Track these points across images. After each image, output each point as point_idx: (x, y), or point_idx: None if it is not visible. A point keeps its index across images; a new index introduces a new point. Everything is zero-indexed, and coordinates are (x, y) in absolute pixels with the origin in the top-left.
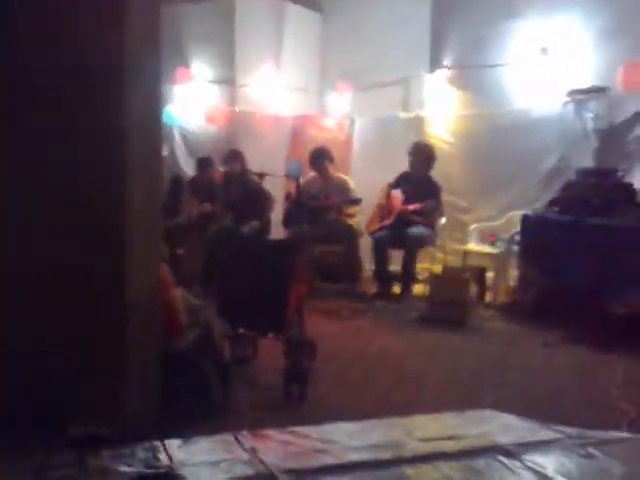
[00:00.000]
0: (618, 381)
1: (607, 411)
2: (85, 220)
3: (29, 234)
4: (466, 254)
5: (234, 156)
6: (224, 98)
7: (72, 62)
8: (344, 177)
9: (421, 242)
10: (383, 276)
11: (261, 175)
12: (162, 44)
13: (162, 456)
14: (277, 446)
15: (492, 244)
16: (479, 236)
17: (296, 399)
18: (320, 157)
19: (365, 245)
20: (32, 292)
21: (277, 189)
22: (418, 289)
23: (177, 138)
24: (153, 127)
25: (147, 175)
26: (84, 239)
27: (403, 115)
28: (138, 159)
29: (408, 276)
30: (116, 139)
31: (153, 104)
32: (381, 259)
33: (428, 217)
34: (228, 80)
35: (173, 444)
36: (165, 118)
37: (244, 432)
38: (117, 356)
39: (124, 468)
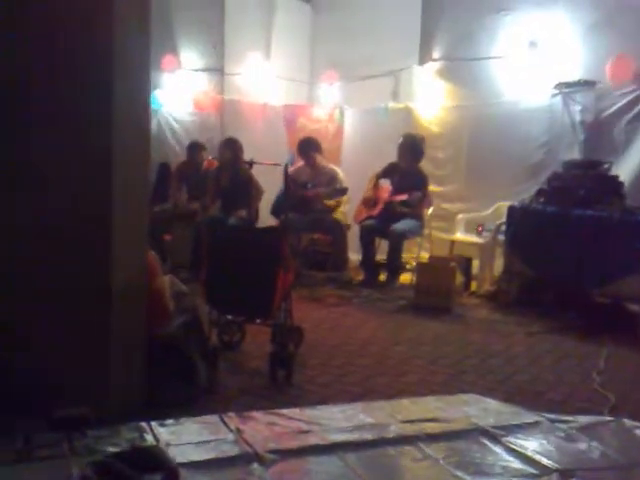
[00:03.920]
0: (600, 368)
1: (589, 398)
2: (72, 206)
3: (16, 221)
4: (453, 244)
5: (226, 144)
6: (213, 86)
7: (59, 45)
8: (334, 168)
9: (405, 235)
10: (369, 265)
11: (250, 163)
12: (151, 30)
13: (148, 436)
14: (262, 427)
15: (479, 234)
16: (466, 226)
17: (282, 384)
18: (308, 147)
19: (353, 234)
20: (18, 276)
21: (265, 177)
22: (405, 278)
23: (164, 125)
24: (141, 113)
25: (135, 161)
26: (70, 225)
27: (392, 106)
28: (126, 145)
29: (393, 267)
30: (103, 125)
31: (142, 90)
32: (368, 248)
33: (414, 208)
34: (217, 68)
35: (159, 425)
36: (153, 103)
37: (230, 413)
38: (101, 342)
39: (110, 448)
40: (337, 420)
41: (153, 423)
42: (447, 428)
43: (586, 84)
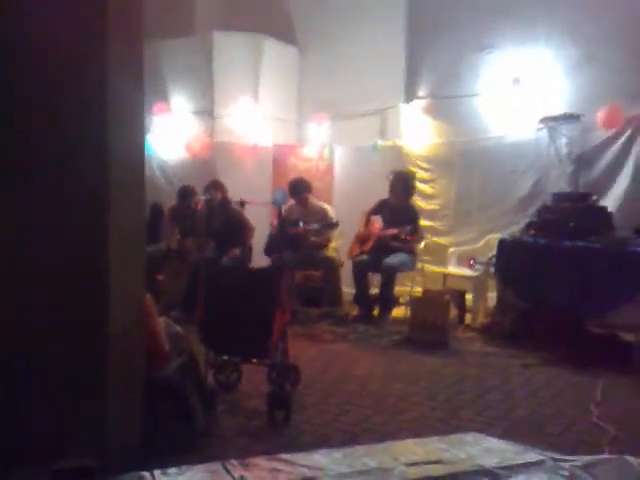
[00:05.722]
0: (597, 400)
1: (588, 430)
2: (68, 251)
3: (12, 262)
4: (446, 277)
5: (215, 185)
6: (203, 129)
7: (56, 91)
8: (324, 205)
9: (397, 269)
10: (363, 300)
11: (242, 203)
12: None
13: None
14: (266, 474)
15: (471, 267)
16: (458, 259)
17: (280, 424)
18: (300, 188)
19: (346, 269)
20: (12, 324)
21: (259, 217)
22: (399, 312)
23: (156, 167)
24: (136, 156)
25: (131, 204)
26: (67, 270)
27: (381, 143)
28: (121, 189)
29: (385, 302)
30: (99, 168)
31: (136, 134)
32: (361, 283)
33: (405, 242)
34: (207, 111)
35: (162, 474)
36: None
37: (232, 460)
38: (98, 388)
39: None
40: (341, 465)
41: (156, 472)
42: (452, 469)
43: (571, 117)
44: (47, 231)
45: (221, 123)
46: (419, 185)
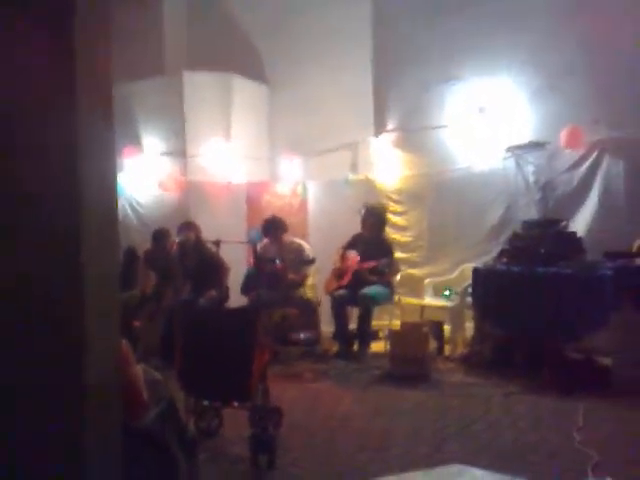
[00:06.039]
0: (579, 425)
1: (571, 456)
2: (39, 300)
3: None
4: (423, 308)
5: (187, 227)
6: (176, 169)
7: (25, 137)
8: (299, 241)
9: (374, 301)
10: (343, 336)
11: (217, 242)
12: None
13: None
14: None
15: (446, 297)
16: (434, 290)
17: (265, 468)
18: (274, 227)
19: (325, 304)
20: None
21: (235, 256)
22: (379, 346)
23: (128, 209)
24: (109, 201)
25: (103, 249)
26: (38, 320)
27: (353, 177)
28: (94, 233)
29: (364, 335)
30: (70, 214)
31: (108, 175)
32: (340, 318)
33: (383, 275)
34: (179, 152)
35: None
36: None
37: None
38: (74, 442)
39: None
40: None
41: None
42: None
43: (537, 145)
44: (17, 282)
45: (194, 162)
46: (392, 217)
